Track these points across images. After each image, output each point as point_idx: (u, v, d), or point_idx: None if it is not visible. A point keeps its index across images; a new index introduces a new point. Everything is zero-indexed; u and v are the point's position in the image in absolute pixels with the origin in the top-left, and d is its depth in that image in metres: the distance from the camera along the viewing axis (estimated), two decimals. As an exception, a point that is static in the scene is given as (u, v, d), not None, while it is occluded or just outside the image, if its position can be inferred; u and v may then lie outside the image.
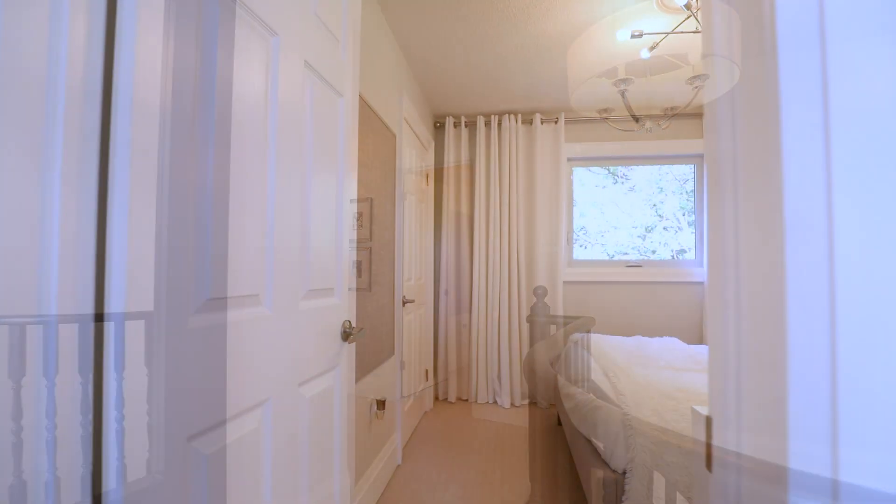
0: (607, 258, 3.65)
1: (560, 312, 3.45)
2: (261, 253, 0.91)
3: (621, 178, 3.64)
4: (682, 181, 3.58)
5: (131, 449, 0.61)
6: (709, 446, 0.69)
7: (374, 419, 2.06)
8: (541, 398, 3.46)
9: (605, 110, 2.27)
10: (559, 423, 3.02)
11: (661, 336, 3.46)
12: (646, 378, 1.83)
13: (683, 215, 3.55)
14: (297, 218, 1.04)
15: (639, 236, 3.59)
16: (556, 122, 3.55)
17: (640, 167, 3.63)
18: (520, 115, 3.56)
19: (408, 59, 2.71)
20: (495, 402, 3.52)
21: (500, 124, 3.63)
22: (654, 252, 3.56)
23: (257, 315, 0.90)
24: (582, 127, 3.63)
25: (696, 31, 1.97)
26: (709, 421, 0.70)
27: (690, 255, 3.55)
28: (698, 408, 1.04)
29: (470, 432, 2.91)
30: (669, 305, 3.45)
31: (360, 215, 1.91)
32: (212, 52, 0.77)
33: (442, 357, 3.61)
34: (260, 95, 0.90)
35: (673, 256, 3.56)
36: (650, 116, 3.54)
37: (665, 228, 3.57)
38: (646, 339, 2.78)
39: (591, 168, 3.70)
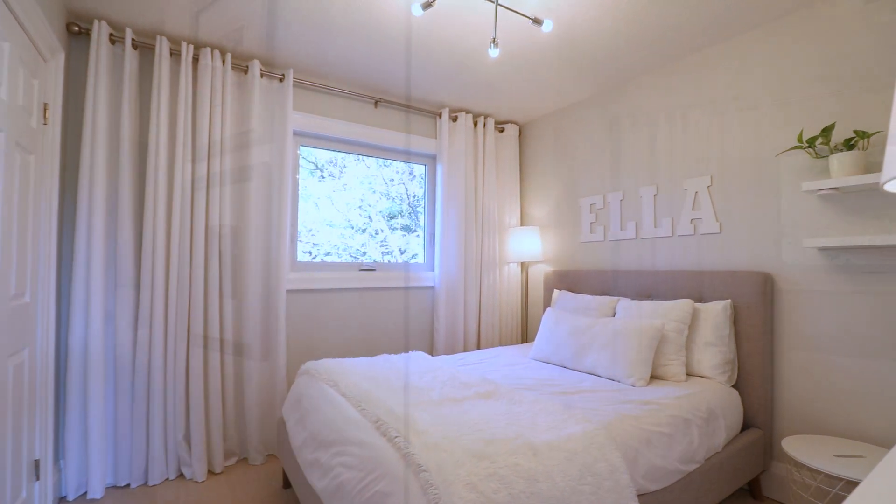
0: (321, 260, 3.08)
1: (282, 329, 2.63)
2: None
3: (329, 176, 3.12)
4: (388, 183, 3.37)
5: None
6: None
7: None
8: (254, 451, 2.53)
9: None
10: (287, 486, 2.23)
11: (405, 351, 3.20)
12: (435, 428, 1.37)
13: (385, 218, 3.37)
14: None
15: (350, 237, 3.18)
16: (281, 80, 2.70)
17: (354, 165, 3.22)
18: (230, 56, 2.50)
19: None
20: (181, 475, 2.34)
21: (196, 60, 2.45)
22: (364, 255, 3.22)
23: None
24: (314, 97, 2.92)
25: None
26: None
27: (392, 259, 3.41)
28: None
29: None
30: (402, 312, 3.22)
31: None
32: None
33: (75, 425, 2.12)
34: None
35: (382, 259, 3.31)
36: (387, 102, 3.22)
37: (377, 231, 3.31)
38: (393, 357, 2.38)
39: (300, 162, 3.01)
